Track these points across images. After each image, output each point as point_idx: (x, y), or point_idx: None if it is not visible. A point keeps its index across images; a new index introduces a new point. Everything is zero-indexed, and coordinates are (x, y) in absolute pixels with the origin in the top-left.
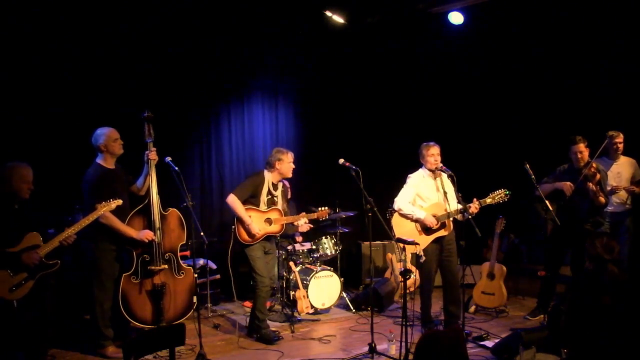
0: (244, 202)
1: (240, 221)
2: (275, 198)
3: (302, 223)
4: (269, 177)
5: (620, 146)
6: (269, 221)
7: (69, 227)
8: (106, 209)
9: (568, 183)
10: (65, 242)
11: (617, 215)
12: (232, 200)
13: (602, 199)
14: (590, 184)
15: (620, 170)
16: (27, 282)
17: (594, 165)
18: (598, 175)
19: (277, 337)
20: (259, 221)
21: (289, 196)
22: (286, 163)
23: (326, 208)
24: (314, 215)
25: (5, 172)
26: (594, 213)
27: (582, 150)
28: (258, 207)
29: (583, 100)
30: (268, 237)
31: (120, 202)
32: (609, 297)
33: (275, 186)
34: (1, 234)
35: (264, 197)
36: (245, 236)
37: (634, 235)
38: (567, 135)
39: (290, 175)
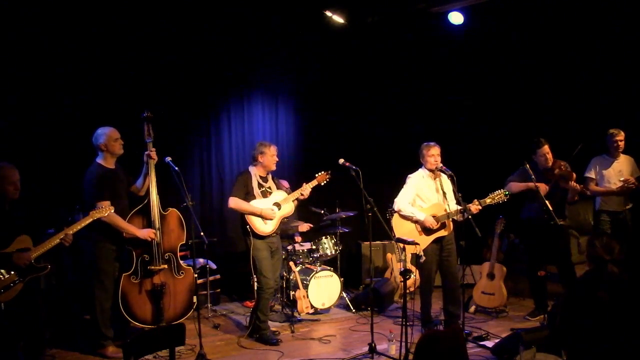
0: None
1: (251, 214)
2: (269, 189)
3: (307, 193)
4: (254, 171)
5: (621, 144)
6: (277, 205)
7: (67, 228)
8: (98, 215)
9: (543, 184)
10: (64, 241)
11: (619, 213)
12: (234, 201)
13: (576, 197)
14: (572, 182)
15: (621, 168)
16: (15, 285)
17: (563, 164)
18: (574, 175)
19: (277, 340)
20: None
21: (287, 186)
22: (269, 156)
23: (323, 173)
24: (315, 182)
25: None
26: (564, 209)
27: (548, 151)
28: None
29: (583, 99)
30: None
31: (112, 208)
32: (607, 295)
33: (264, 179)
34: None
35: (256, 191)
36: (261, 228)
37: (633, 233)
38: (567, 135)
39: (273, 167)
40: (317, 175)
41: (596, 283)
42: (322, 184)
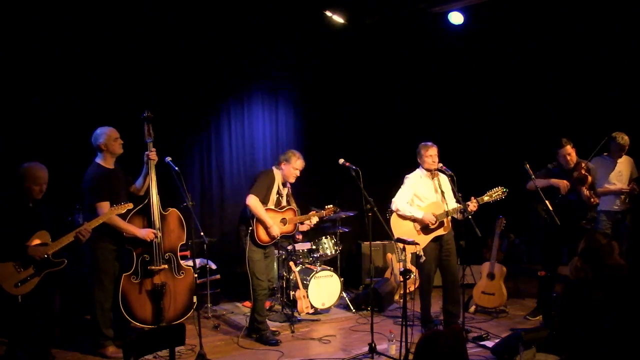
0: None
1: (261, 222)
2: (281, 198)
3: (314, 222)
4: (278, 175)
5: (624, 147)
6: (284, 221)
7: (87, 223)
8: (118, 212)
9: (565, 181)
10: (80, 235)
11: (617, 213)
12: (254, 201)
13: (595, 200)
14: (584, 188)
15: (621, 169)
16: (32, 278)
17: (583, 166)
18: (590, 178)
19: (276, 341)
20: (275, 222)
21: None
22: (292, 168)
23: (332, 206)
24: (323, 213)
25: (19, 172)
26: (587, 210)
27: (570, 151)
28: (267, 206)
29: (583, 99)
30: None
31: (131, 205)
32: (600, 294)
33: (284, 185)
34: (14, 229)
35: (273, 196)
36: (264, 237)
37: (633, 233)
38: (567, 134)
39: (291, 180)
40: (326, 207)
41: (590, 282)
42: (328, 217)
